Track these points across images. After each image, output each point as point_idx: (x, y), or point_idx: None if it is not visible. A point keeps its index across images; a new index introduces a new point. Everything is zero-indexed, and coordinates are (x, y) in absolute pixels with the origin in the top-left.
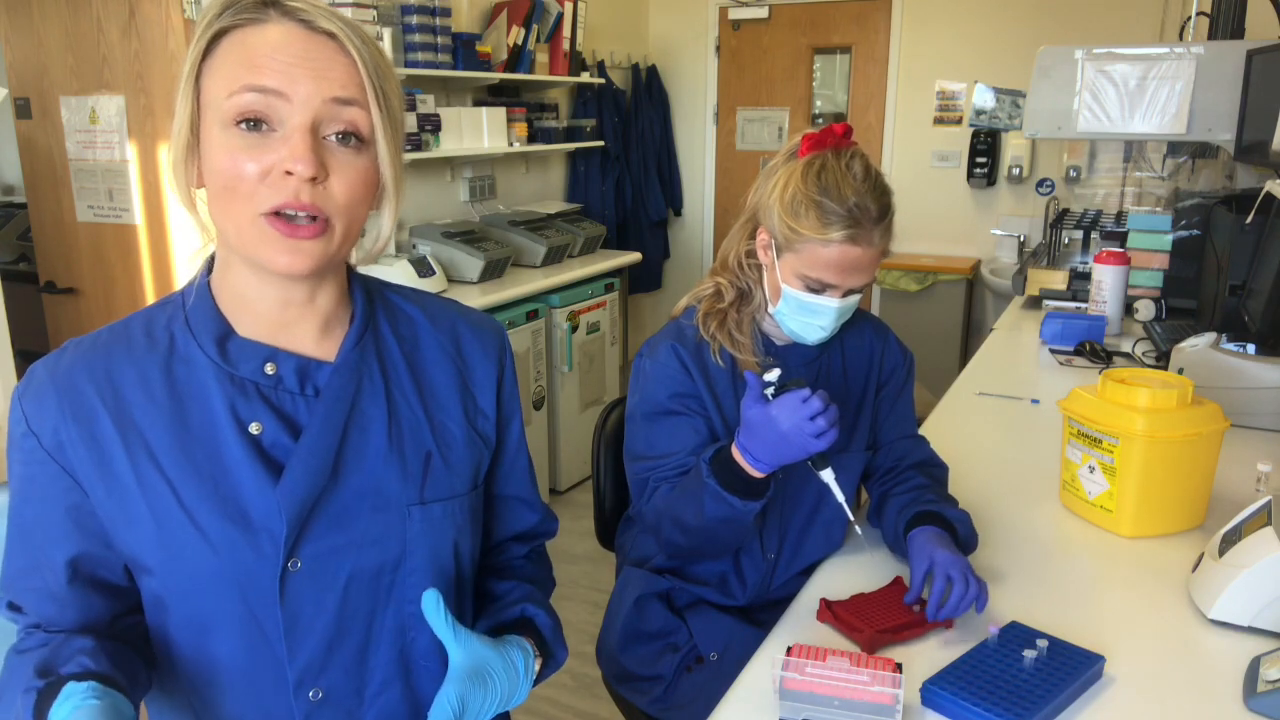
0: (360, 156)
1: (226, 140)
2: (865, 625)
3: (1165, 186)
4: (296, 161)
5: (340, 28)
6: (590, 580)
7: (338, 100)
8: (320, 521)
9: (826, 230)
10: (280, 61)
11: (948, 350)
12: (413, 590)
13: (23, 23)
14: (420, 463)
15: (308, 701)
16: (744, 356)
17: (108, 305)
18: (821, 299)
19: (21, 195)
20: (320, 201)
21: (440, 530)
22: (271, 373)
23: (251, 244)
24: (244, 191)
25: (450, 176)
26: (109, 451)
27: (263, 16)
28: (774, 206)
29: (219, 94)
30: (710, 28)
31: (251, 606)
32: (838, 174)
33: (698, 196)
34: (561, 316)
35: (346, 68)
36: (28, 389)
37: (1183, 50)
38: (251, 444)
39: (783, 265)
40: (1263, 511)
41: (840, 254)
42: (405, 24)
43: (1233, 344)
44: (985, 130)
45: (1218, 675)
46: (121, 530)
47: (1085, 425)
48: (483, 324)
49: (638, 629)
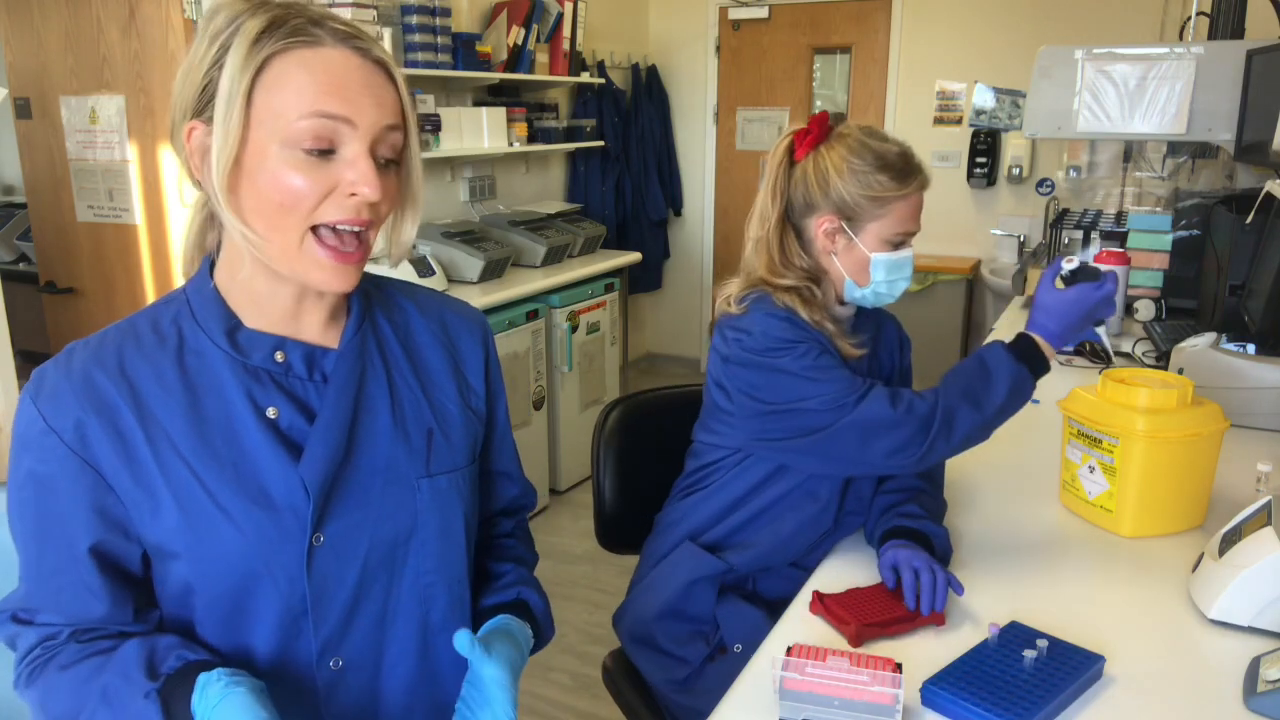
0: (395, 176)
1: (288, 159)
2: (853, 618)
3: (1165, 186)
4: (365, 185)
5: (388, 56)
6: (590, 580)
7: (389, 127)
8: (340, 497)
9: (905, 185)
10: (351, 89)
11: (948, 350)
12: (426, 560)
13: (23, 23)
14: (424, 439)
15: (329, 670)
16: (842, 344)
17: (108, 305)
18: (905, 251)
19: (21, 195)
20: (373, 216)
21: (447, 501)
22: (281, 360)
23: (296, 261)
24: (302, 210)
25: (450, 176)
26: (131, 442)
27: (317, 39)
28: (839, 189)
29: (287, 114)
30: (710, 28)
31: (279, 583)
32: (873, 142)
33: (698, 196)
34: (561, 316)
35: (394, 96)
36: (40, 390)
37: (1183, 50)
38: (270, 427)
39: (865, 237)
40: (1263, 511)
41: (918, 200)
42: (405, 24)
43: (1233, 344)
44: (985, 130)
45: (1218, 675)
46: (148, 518)
47: (1085, 425)
48: (467, 311)
49: (681, 609)
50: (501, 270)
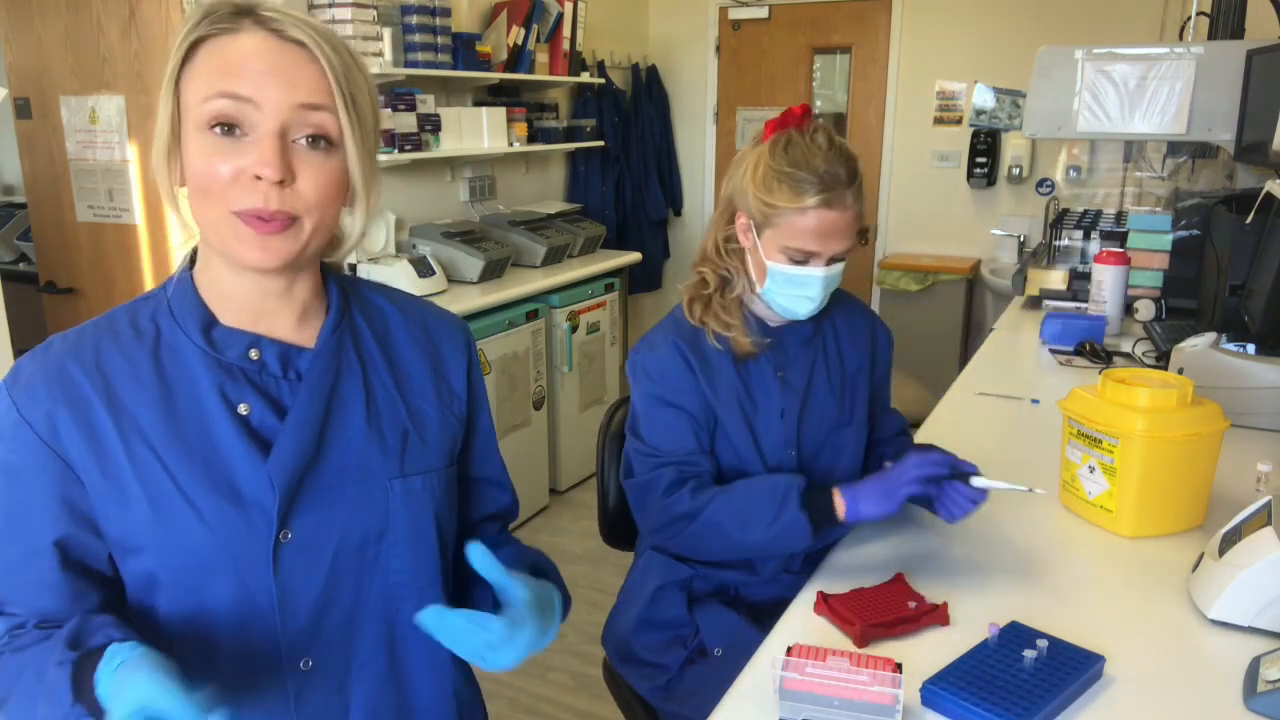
0: (330, 158)
1: (202, 143)
2: (857, 619)
3: (1165, 186)
4: (264, 166)
5: (310, 36)
6: (590, 580)
7: (306, 106)
8: (308, 495)
9: (801, 199)
10: (251, 69)
11: (948, 350)
12: (396, 562)
13: (23, 23)
14: (398, 440)
15: (298, 671)
16: (738, 337)
17: (108, 305)
18: (807, 270)
19: (21, 195)
20: (287, 204)
21: (420, 502)
22: (255, 358)
23: (225, 240)
24: (217, 192)
25: (450, 176)
26: (102, 435)
27: (238, 26)
28: (748, 187)
29: (195, 99)
30: (710, 28)
31: (245, 579)
32: (804, 146)
33: (698, 196)
34: (561, 316)
35: (315, 74)
36: (16, 381)
37: (1183, 50)
38: (240, 424)
39: (765, 243)
40: (1263, 511)
41: (818, 220)
42: (405, 24)
43: (1233, 344)
44: (985, 130)
45: (1218, 675)
46: (115, 512)
47: (1085, 425)
48: (449, 317)
49: (652, 617)
50: (501, 270)
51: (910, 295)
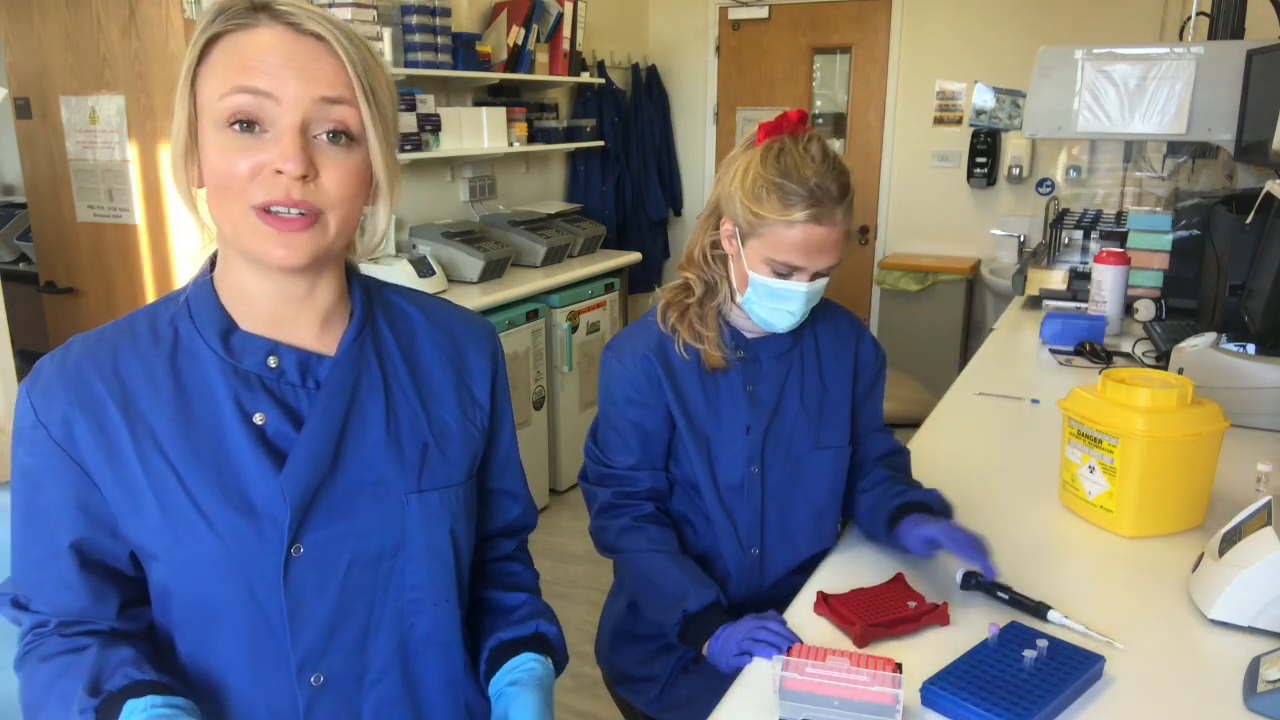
0: (351, 153)
1: (220, 141)
2: (857, 618)
3: (1165, 186)
4: (286, 160)
5: (328, 29)
6: (590, 580)
7: (326, 99)
8: (322, 508)
9: (789, 211)
10: (269, 64)
11: (948, 350)
12: (411, 578)
13: (23, 23)
14: (418, 453)
15: (309, 686)
16: (709, 349)
17: (108, 305)
18: (789, 283)
19: (21, 195)
20: (311, 198)
21: (437, 518)
22: (274, 365)
23: (246, 239)
24: (236, 189)
25: (450, 176)
26: (116, 440)
27: (253, 21)
28: (736, 194)
29: (213, 96)
30: (710, 28)
31: (255, 592)
32: (796, 156)
33: (697, 196)
34: (561, 316)
35: (334, 68)
36: (35, 383)
37: (1183, 50)
38: (255, 433)
39: (749, 252)
40: (1263, 511)
41: (805, 234)
42: (405, 24)
43: (1233, 344)
44: (985, 130)
45: (1218, 675)
46: (129, 517)
47: (1085, 425)
48: (477, 323)
49: (630, 630)
50: (501, 270)
51: (910, 295)
